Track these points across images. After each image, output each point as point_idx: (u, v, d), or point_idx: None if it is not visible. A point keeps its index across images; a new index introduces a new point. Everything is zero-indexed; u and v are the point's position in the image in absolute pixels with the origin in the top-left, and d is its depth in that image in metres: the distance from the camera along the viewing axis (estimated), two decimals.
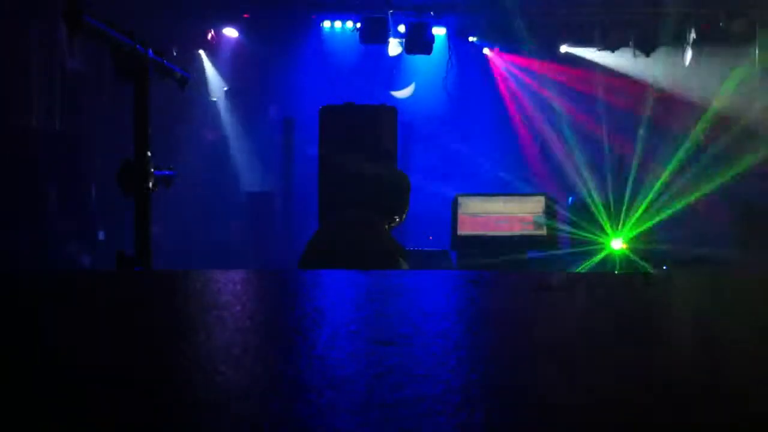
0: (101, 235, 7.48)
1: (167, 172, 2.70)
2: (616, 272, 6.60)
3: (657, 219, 7.66)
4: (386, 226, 3.52)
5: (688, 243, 6.92)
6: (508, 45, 9.85)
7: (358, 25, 9.37)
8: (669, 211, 7.75)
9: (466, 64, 10.20)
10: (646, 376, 0.82)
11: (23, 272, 2.54)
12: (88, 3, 2.16)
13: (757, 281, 1.98)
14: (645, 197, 7.71)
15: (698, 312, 1.35)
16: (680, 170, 8.41)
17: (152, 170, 2.52)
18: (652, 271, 6.90)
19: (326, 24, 9.76)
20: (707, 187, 8.00)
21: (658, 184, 8.05)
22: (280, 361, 0.88)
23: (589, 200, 7.83)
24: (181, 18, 8.96)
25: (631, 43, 9.10)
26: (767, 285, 1.84)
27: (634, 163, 8.77)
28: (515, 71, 10.16)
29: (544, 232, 6.64)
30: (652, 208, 7.64)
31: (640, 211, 7.60)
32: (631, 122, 9.20)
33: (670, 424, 0.64)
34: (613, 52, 9.19)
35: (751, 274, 4.95)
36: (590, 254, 7.51)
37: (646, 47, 9.01)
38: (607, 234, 7.55)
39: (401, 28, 9.34)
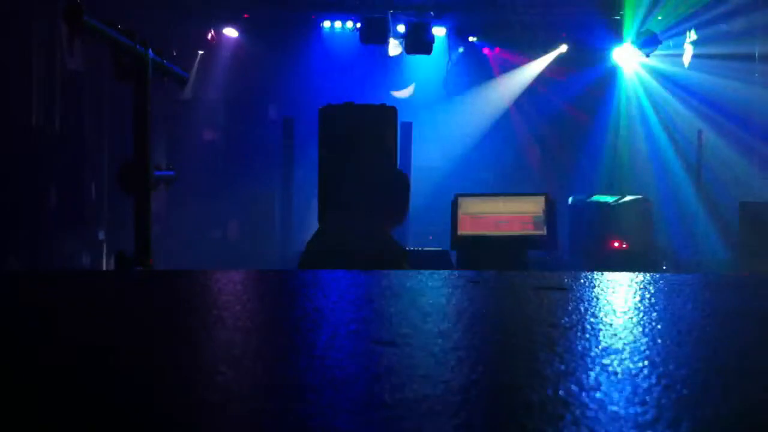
0: (101, 235, 7.48)
1: (167, 172, 2.70)
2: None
3: (657, 219, 7.66)
4: (386, 227, 3.51)
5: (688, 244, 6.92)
6: (508, 45, 9.85)
7: (358, 25, 9.37)
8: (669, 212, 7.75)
9: (466, 64, 10.20)
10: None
11: (23, 272, 2.55)
12: (88, 3, 2.16)
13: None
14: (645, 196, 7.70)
15: None
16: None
17: (152, 170, 2.52)
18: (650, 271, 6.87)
19: (326, 24, 9.77)
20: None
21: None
22: (280, 361, 0.88)
23: (589, 200, 7.83)
24: (181, 18, 8.95)
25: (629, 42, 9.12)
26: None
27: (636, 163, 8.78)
28: (514, 70, 10.15)
29: (544, 232, 6.62)
30: (651, 207, 7.63)
31: (639, 210, 7.58)
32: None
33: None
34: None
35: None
36: (590, 254, 7.51)
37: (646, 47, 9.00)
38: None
39: (401, 28, 9.33)
